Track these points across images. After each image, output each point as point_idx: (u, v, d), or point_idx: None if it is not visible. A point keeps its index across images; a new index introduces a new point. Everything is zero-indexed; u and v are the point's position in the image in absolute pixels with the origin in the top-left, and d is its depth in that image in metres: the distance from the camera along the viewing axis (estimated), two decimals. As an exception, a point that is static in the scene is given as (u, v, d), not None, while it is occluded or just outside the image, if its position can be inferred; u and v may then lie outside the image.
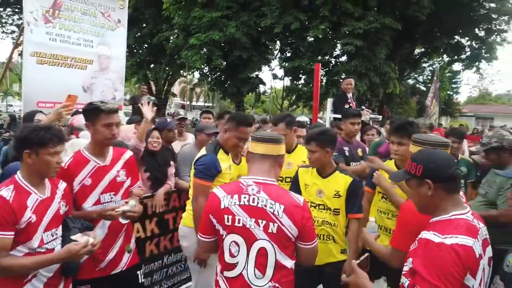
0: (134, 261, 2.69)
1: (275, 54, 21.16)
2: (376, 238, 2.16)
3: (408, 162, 1.69)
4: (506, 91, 64.35)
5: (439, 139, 2.22)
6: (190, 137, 4.84)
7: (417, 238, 1.52)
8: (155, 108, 4.86)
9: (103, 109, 2.39)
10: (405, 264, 1.52)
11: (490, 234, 1.67)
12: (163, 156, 3.74)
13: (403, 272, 1.52)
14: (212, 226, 1.89)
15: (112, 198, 2.52)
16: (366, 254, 1.84)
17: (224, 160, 2.79)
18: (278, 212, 1.79)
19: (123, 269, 2.59)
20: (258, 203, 1.81)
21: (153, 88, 25.06)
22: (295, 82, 19.40)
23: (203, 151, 2.84)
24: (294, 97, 22.25)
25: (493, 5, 17.54)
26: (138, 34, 21.40)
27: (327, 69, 16.72)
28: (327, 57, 17.00)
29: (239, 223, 1.81)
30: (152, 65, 23.62)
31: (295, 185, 2.85)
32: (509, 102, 55.04)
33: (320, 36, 14.59)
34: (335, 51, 16.88)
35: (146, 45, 22.50)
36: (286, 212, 1.79)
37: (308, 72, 15.91)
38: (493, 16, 17.88)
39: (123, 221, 2.52)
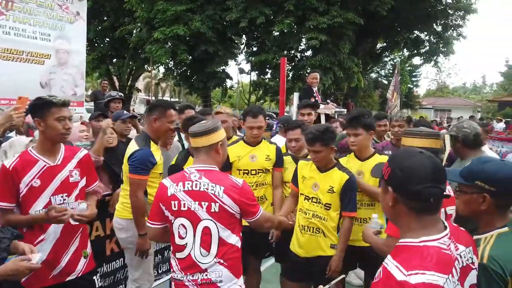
0: (90, 266, 2.57)
1: (241, 49, 21.12)
2: (377, 234, 2.19)
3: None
4: (462, 84, 67.73)
5: (430, 131, 2.30)
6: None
7: (382, 264, 1.26)
8: (120, 104, 4.71)
9: (54, 102, 2.26)
10: None
11: None
12: (120, 153, 3.45)
13: None
14: (161, 212, 2.07)
15: (64, 199, 2.36)
16: (342, 276, 1.72)
17: (156, 152, 2.86)
18: (218, 193, 1.99)
19: (79, 275, 2.46)
20: (200, 187, 2.00)
21: (116, 83, 24.34)
22: (261, 76, 19.45)
23: (134, 146, 2.80)
24: (261, 91, 22.33)
25: (449, 1, 18.32)
26: (99, 27, 20.68)
27: (293, 63, 16.89)
28: (292, 52, 17.17)
29: (184, 207, 2.00)
30: (114, 60, 22.88)
31: (295, 177, 2.97)
32: (465, 95, 57.83)
33: (285, 31, 14.72)
34: (301, 46, 17.08)
35: (107, 39, 21.77)
36: (226, 193, 1.99)
37: (275, 67, 16.00)
38: (449, 11, 18.67)
39: (73, 222, 2.35)
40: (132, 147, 2.81)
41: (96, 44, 21.94)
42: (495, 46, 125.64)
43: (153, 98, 48.36)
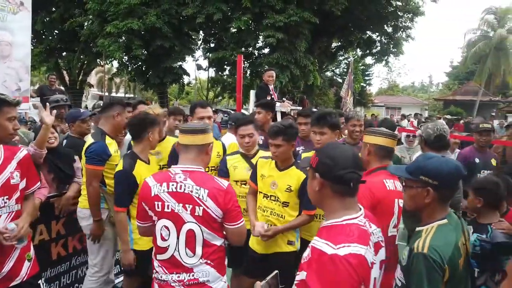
0: (35, 269, 2.49)
1: (198, 44, 20.84)
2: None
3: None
4: (411, 83, 71.17)
5: (380, 128, 2.44)
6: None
7: (309, 245, 1.42)
8: (65, 110, 4.48)
9: (8, 101, 2.17)
10: (297, 273, 1.40)
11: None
12: (65, 152, 3.44)
13: (295, 282, 1.41)
14: (145, 212, 2.04)
15: (5, 203, 2.25)
16: (275, 272, 1.74)
17: (111, 145, 3.06)
18: (203, 196, 1.96)
19: (24, 279, 2.37)
20: (184, 189, 1.97)
21: (66, 78, 23.19)
22: (219, 73, 19.34)
23: (90, 140, 3.04)
24: (219, 88, 22.21)
25: (399, 3, 19.18)
26: (47, 18, 19.55)
27: (250, 60, 16.93)
28: (250, 49, 17.20)
29: (168, 208, 1.97)
30: (64, 53, 21.72)
31: (254, 174, 2.96)
32: (413, 93, 60.86)
33: (242, 28, 14.69)
34: (258, 43, 17.15)
35: (56, 31, 20.64)
36: (210, 196, 1.96)
37: (233, 63, 15.96)
38: (399, 13, 19.56)
39: (5, 243, 2.20)
40: (89, 141, 3.02)
41: (44, 37, 20.76)
42: (441, 47, 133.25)
43: (107, 93, 46.65)
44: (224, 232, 2.09)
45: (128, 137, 3.99)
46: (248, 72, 16.81)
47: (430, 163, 1.71)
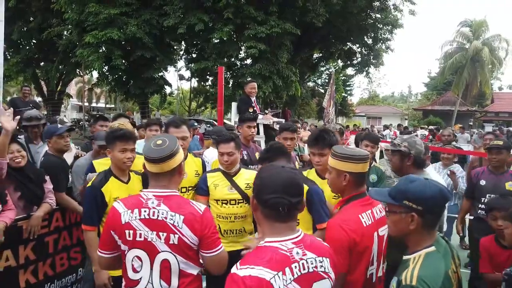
0: None
1: (180, 55, 20.73)
2: None
3: None
4: (391, 93, 72.59)
5: (356, 153, 2.07)
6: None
7: None
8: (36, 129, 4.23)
9: None
10: None
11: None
12: (35, 171, 3.20)
13: None
14: (113, 241, 1.86)
15: None
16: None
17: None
18: (178, 223, 1.79)
19: None
20: (158, 216, 1.80)
21: (45, 88, 22.67)
22: (202, 83, 19.26)
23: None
24: (202, 98, 22.10)
25: (378, 15, 19.60)
26: (24, 28, 19.15)
27: (232, 71, 16.91)
28: (232, 59, 17.19)
29: (140, 237, 1.80)
30: (42, 63, 21.27)
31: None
32: (393, 103, 62.03)
33: (224, 38, 14.67)
34: (240, 54, 17.16)
35: (34, 41, 20.23)
36: (185, 222, 1.79)
37: (215, 74, 15.91)
38: (378, 25, 19.96)
39: None
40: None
41: (21, 46, 20.31)
42: (419, 58, 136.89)
43: (87, 104, 45.90)
44: (201, 261, 1.91)
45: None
46: (231, 82, 16.77)
47: (413, 187, 1.61)
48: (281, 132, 3.88)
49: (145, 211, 1.81)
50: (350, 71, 27.89)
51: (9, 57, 19.28)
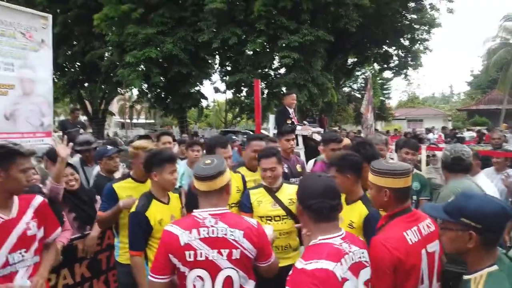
0: None
1: (215, 68, 21.15)
2: None
3: None
4: (431, 94, 70.03)
5: (396, 167, 1.97)
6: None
7: None
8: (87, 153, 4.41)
9: (21, 152, 2.07)
10: None
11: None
12: (87, 193, 3.37)
13: None
14: (170, 265, 1.86)
15: (23, 256, 2.12)
16: None
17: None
18: (239, 238, 1.85)
19: None
20: (218, 233, 1.84)
21: (89, 107, 23.84)
22: (237, 94, 19.48)
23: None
24: (237, 109, 22.33)
25: (414, 16, 19.06)
26: (69, 52, 20.32)
27: (267, 81, 17.00)
28: (266, 70, 17.29)
29: (201, 256, 1.82)
30: (86, 84, 22.45)
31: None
32: (434, 104, 59.76)
33: (258, 50, 14.81)
34: (274, 64, 17.23)
35: (78, 63, 21.39)
36: (245, 237, 1.86)
37: (249, 85, 16.06)
38: (415, 26, 19.40)
39: None
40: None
41: (66, 69, 21.52)
42: (460, 57, 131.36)
43: (128, 120, 47.74)
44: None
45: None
46: (265, 92, 16.85)
47: (472, 204, 1.52)
48: (327, 143, 3.81)
49: (204, 230, 1.84)
50: (387, 74, 27.21)
51: (56, 80, 20.50)
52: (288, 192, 2.91)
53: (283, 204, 2.87)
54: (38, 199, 2.28)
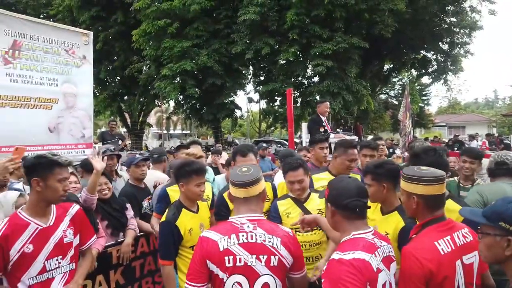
0: None
1: (248, 79, 21.37)
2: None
3: None
4: (474, 99, 67.00)
5: (427, 174, 1.89)
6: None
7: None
8: (113, 161, 4.53)
9: (59, 162, 2.16)
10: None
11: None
12: (118, 201, 3.48)
13: None
14: (207, 272, 1.85)
15: (60, 263, 2.19)
16: None
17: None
18: (277, 245, 1.85)
19: None
20: (256, 239, 1.83)
21: (128, 119, 24.74)
22: (271, 104, 19.54)
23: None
24: (271, 119, 22.38)
25: (453, 19, 18.37)
26: (110, 67, 21.26)
27: (300, 90, 16.93)
28: (299, 79, 17.25)
29: (240, 262, 1.80)
30: (125, 97, 23.38)
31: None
32: (477, 110, 57.12)
33: (291, 59, 14.81)
34: (307, 72, 17.15)
35: (118, 78, 22.33)
36: (283, 244, 1.86)
37: (283, 94, 16.06)
38: (454, 30, 18.68)
39: None
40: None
41: (107, 84, 22.52)
42: (504, 60, 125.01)
43: (165, 131, 49.05)
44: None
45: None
46: (299, 101, 16.77)
47: None
48: (361, 149, 3.74)
49: (243, 235, 1.83)
50: (425, 79, 26.30)
51: (97, 94, 21.48)
52: (317, 203, 2.84)
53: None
54: (75, 208, 2.36)
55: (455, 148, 6.70)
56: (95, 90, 20.44)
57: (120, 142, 8.37)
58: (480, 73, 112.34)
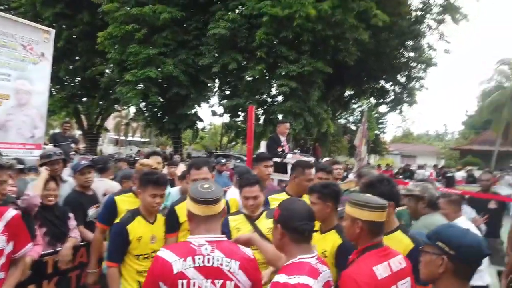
0: None
1: (214, 92, 21.36)
2: None
3: None
4: (425, 131, 70.77)
5: (372, 200, 1.97)
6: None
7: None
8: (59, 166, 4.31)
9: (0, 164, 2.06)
10: None
11: None
12: (60, 209, 3.30)
13: None
14: None
15: None
16: None
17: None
18: (234, 269, 1.79)
19: None
20: (213, 263, 1.77)
21: (85, 122, 23.84)
22: (233, 119, 19.58)
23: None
24: (233, 133, 22.40)
25: (412, 54, 19.53)
26: (70, 66, 20.49)
27: (264, 107, 17.14)
28: (264, 96, 17.47)
29: (194, 286, 1.74)
30: (84, 99, 22.55)
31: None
32: (428, 142, 60.34)
33: (257, 76, 15.01)
34: (272, 91, 17.44)
35: (78, 78, 21.55)
36: (241, 268, 1.81)
37: (246, 110, 16.15)
38: (412, 64, 19.85)
39: None
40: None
41: (66, 83, 21.64)
42: (455, 96, 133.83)
43: (123, 137, 47.64)
44: None
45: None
46: (262, 119, 16.96)
47: (451, 231, 1.65)
48: (317, 171, 3.78)
49: (199, 259, 1.76)
50: (383, 108, 27.58)
51: (54, 93, 20.56)
52: (268, 221, 2.84)
53: (262, 234, 2.77)
54: (11, 213, 2.21)
55: (403, 176, 7.07)
56: (52, 89, 19.54)
57: (73, 145, 8.03)
58: (433, 107, 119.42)
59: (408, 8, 18.99)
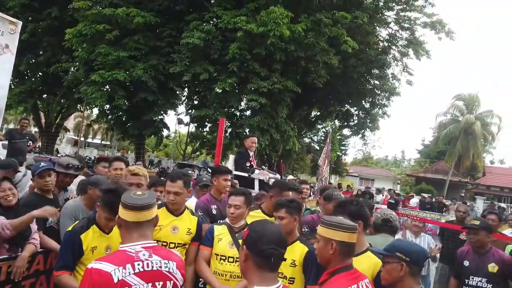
0: None
1: (182, 100, 21.15)
2: None
3: None
4: (384, 156, 73.39)
5: (344, 222, 2.04)
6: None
7: None
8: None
9: None
10: None
11: None
12: (20, 212, 3.04)
13: None
14: None
15: None
16: None
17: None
18: (173, 269, 1.87)
19: None
20: (153, 266, 1.81)
21: (43, 120, 22.79)
22: (200, 129, 19.44)
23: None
24: (198, 143, 22.18)
25: (377, 82, 20.38)
26: (33, 60, 19.62)
27: (232, 120, 17.17)
28: (233, 109, 17.52)
29: None
30: (44, 95, 21.56)
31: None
32: (386, 166, 62.58)
33: (227, 89, 15.06)
34: (241, 105, 17.53)
35: (40, 73, 20.65)
36: (178, 268, 1.90)
37: (214, 121, 16.12)
38: (376, 92, 20.69)
39: None
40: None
41: (26, 77, 20.68)
42: (414, 125, 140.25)
43: (83, 139, 45.91)
44: None
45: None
46: (229, 131, 16.95)
47: (403, 243, 2.24)
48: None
49: (138, 264, 1.77)
50: (346, 131, 28.43)
51: (13, 87, 19.55)
52: None
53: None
54: None
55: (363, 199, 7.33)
56: (11, 83, 18.59)
57: (30, 142, 7.64)
58: (393, 134, 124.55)
59: (376, 38, 19.92)
